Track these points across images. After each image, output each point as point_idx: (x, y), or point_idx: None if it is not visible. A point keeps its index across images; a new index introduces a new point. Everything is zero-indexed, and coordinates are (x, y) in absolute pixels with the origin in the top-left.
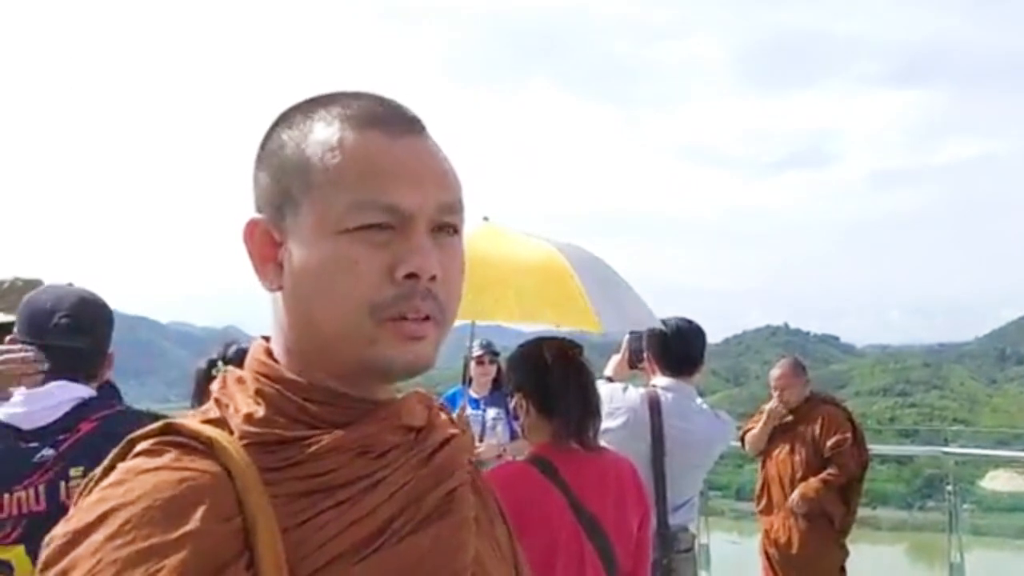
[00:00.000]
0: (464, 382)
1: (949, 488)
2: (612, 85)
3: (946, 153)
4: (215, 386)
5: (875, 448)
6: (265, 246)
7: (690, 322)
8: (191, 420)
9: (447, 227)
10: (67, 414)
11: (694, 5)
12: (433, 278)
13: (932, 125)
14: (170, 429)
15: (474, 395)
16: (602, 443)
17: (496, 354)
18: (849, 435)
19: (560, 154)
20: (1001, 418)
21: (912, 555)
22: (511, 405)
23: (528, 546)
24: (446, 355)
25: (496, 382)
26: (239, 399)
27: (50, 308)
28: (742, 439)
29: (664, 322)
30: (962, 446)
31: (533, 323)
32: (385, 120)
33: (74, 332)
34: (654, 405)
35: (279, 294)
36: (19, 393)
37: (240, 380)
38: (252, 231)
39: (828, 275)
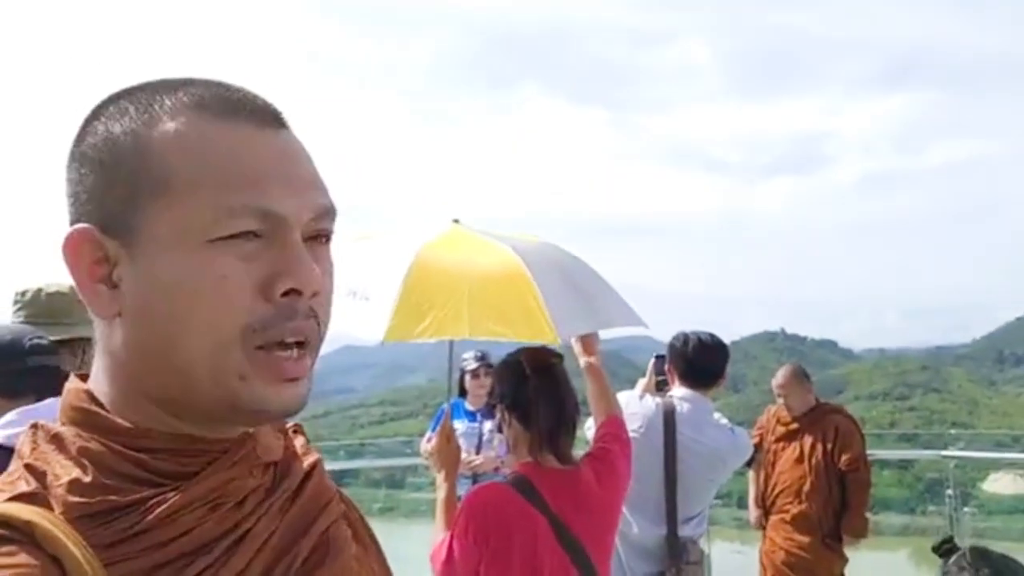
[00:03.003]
0: (458, 394)
1: (950, 492)
2: (603, 90)
3: (939, 155)
4: (24, 448)
5: (875, 453)
6: (94, 263)
7: (713, 336)
8: None
9: (322, 235)
10: None
11: (684, 11)
12: (315, 294)
13: (924, 127)
14: None
15: (470, 407)
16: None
17: (491, 365)
18: (862, 448)
19: (552, 159)
20: (1000, 420)
21: (915, 560)
22: (497, 418)
23: (511, 568)
24: (443, 370)
25: (492, 394)
26: (57, 463)
27: (14, 336)
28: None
29: (686, 335)
30: (962, 449)
31: (483, 338)
32: (247, 110)
33: (51, 351)
34: (669, 414)
35: (113, 321)
36: (14, 412)
37: (56, 438)
38: (77, 245)
39: (824, 279)
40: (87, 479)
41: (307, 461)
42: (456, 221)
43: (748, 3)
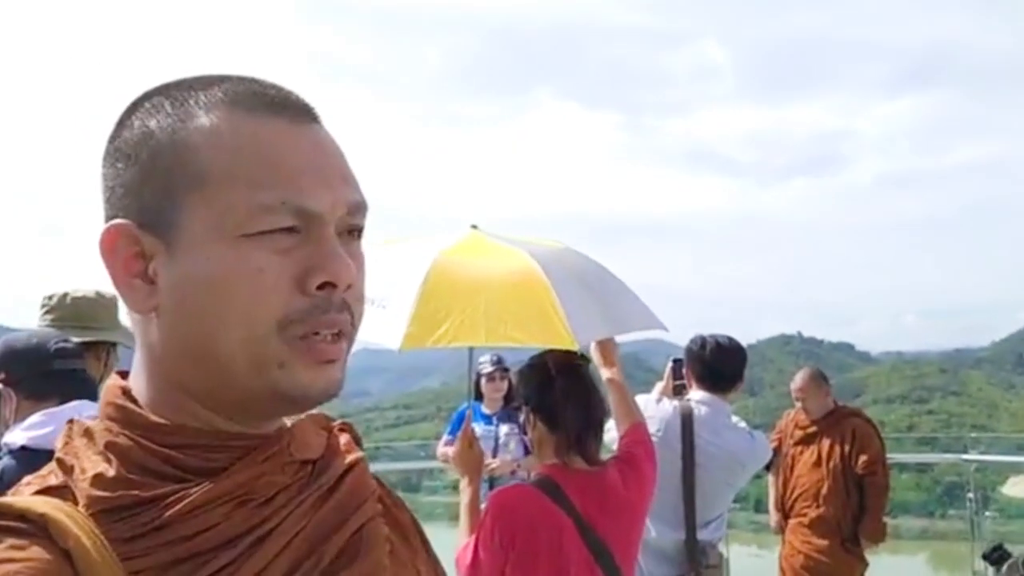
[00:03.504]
0: (474, 398)
1: (970, 496)
2: (618, 92)
3: (956, 156)
4: (58, 443)
5: (894, 457)
6: (132, 258)
7: (731, 339)
8: (25, 492)
9: (355, 230)
10: None
11: (698, 12)
12: (349, 287)
13: (942, 128)
14: None
15: (487, 411)
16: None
17: (507, 369)
18: (880, 451)
19: (566, 161)
20: (1020, 423)
21: (934, 564)
22: (521, 420)
23: (537, 570)
24: (456, 373)
25: (508, 397)
26: (85, 458)
27: (40, 339)
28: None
29: (704, 338)
30: (982, 453)
31: (500, 344)
32: (281, 105)
33: (76, 354)
34: (687, 418)
35: (150, 316)
36: (39, 414)
37: (88, 433)
38: (114, 240)
39: (841, 282)
40: (111, 473)
41: (348, 459)
42: (474, 227)
43: (763, 4)
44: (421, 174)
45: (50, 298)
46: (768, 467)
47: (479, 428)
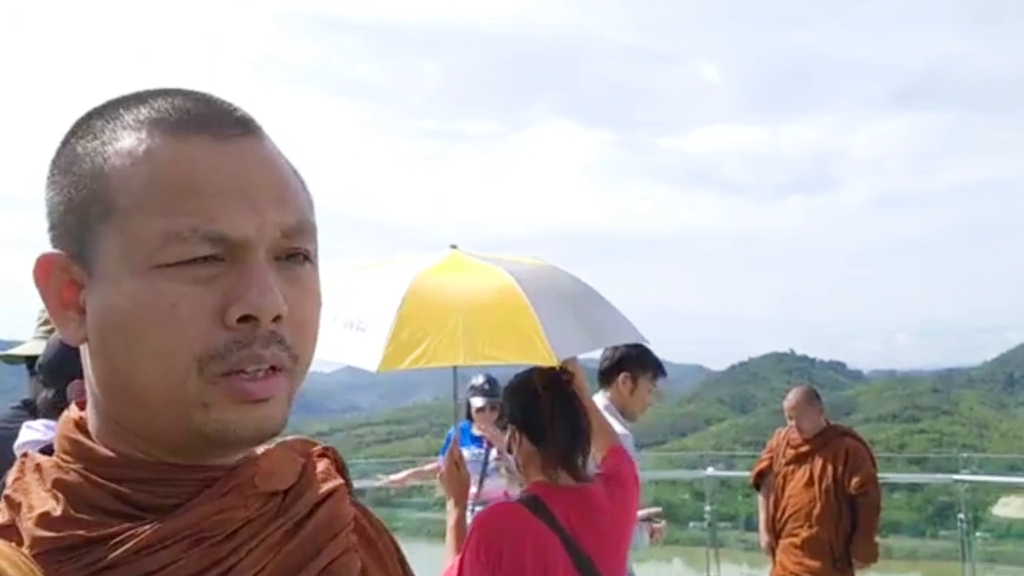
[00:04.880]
0: (465, 416)
1: (961, 516)
2: (614, 111)
3: (950, 176)
4: (9, 478)
5: (886, 476)
6: (64, 288)
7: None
8: None
9: (295, 254)
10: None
11: (693, 31)
12: (277, 318)
13: (936, 148)
14: None
15: (477, 432)
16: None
17: (496, 395)
18: (873, 471)
19: (562, 180)
20: (1011, 443)
21: None
22: (505, 438)
23: None
24: (448, 388)
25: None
26: (34, 494)
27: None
28: (755, 480)
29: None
30: (973, 473)
31: (480, 363)
32: (206, 122)
33: (48, 372)
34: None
35: (82, 346)
36: (40, 423)
37: (38, 468)
38: (46, 270)
39: (834, 300)
40: (58, 512)
41: (324, 488)
42: (454, 247)
43: (758, 23)
44: (415, 190)
45: (45, 311)
46: (758, 487)
47: (468, 452)
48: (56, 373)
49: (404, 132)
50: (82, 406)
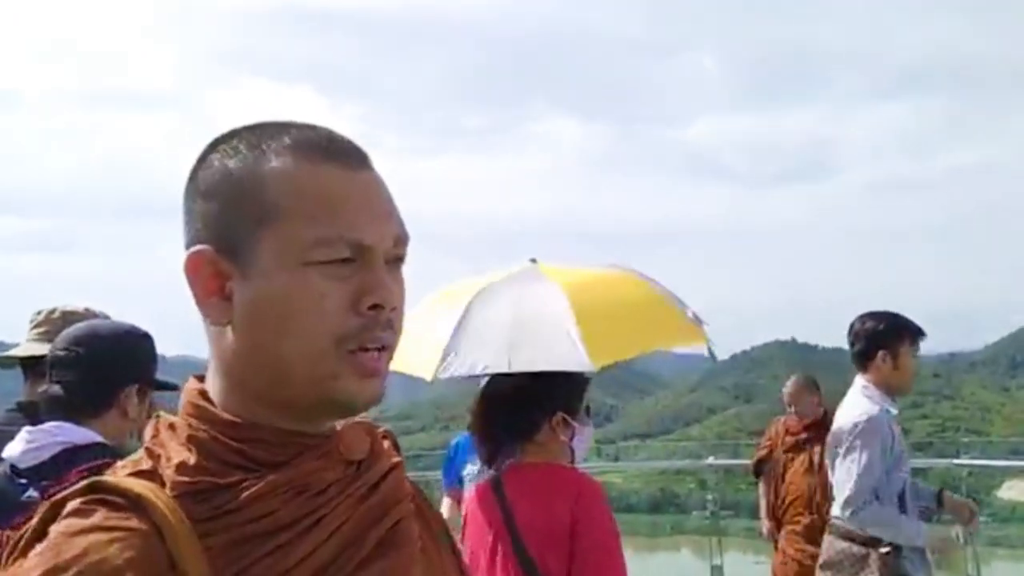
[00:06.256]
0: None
1: None
2: (611, 103)
3: (948, 160)
4: (147, 434)
5: None
6: (211, 278)
7: None
8: (120, 474)
9: (399, 259)
10: (55, 457)
11: (689, 22)
12: (393, 308)
13: (932, 134)
14: (98, 487)
15: None
16: None
17: None
18: None
19: (561, 173)
20: (1014, 426)
21: (936, 569)
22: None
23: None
24: (453, 383)
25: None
26: (171, 447)
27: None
28: (755, 467)
29: None
30: (976, 457)
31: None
32: (341, 153)
33: (64, 366)
34: None
35: (224, 329)
36: (25, 430)
37: (172, 427)
38: (197, 263)
39: (835, 287)
40: (192, 461)
41: (389, 462)
42: (533, 260)
43: (753, 13)
44: (414, 185)
45: (39, 313)
46: (758, 474)
47: (473, 468)
48: (103, 367)
49: (400, 127)
50: (200, 379)
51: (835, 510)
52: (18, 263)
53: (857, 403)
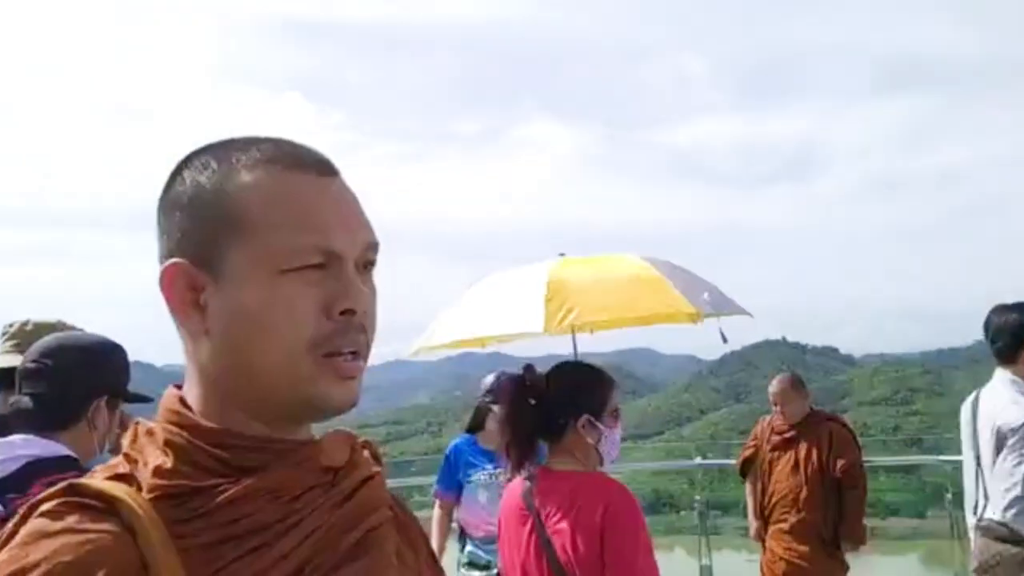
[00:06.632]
0: (468, 428)
1: (948, 496)
2: (599, 106)
3: (936, 158)
4: (125, 440)
5: (873, 460)
6: (186, 290)
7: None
8: (97, 478)
9: (370, 264)
10: (19, 471)
11: (674, 24)
12: (364, 313)
13: (920, 132)
14: (73, 490)
15: (486, 446)
16: None
17: None
18: (858, 456)
19: (550, 176)
20: None
21: (925, 563)
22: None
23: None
24: (444, 388)
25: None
26: (148, 452)
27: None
28: (742, 467)
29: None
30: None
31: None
32: (309, 163)
33: (33, 378)
34: None
35: (200, 339)
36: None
37: (150, 432)
38: (173, 275)
39: (824, 286)
40: (168, 465)
41: (367, 471)
42: (562, 255)
43: (739, 13)
44: (402, 190)
45: (11, 325)
46: (744, 474)
47: (483, 474)
48: (72, 379)
49: (387, 133)
50: (178, 387)
51: (990, 511)
52: (10, 274)
53: (1015, 400)
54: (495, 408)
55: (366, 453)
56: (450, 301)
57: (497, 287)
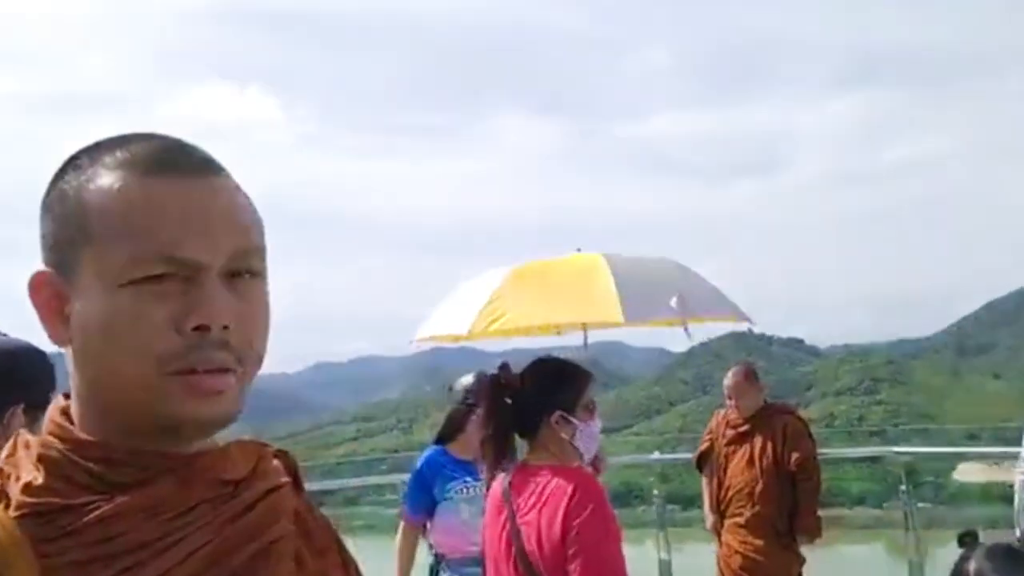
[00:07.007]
0: (438, 440)
1: (903, 488)
2: (566, 99)
3: (898, 152)
4: (3, 453)
5: (825, 452)
6: (52, 299)
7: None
8: None
9: (244, 272)
10: None
11: (641, 18)
12: (226, 327)
13: (882, 126)
14: None
15: (461, 455)
16: None
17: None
18: (811, 448)
19: (519, 170)
20: (966, 410)
21: (887, 552)
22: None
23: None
24: (413, 384)
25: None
26: (22, 466)
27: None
28: (698, 461)
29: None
30: (923, 444)
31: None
32: (172, 164)
33: None
34: None
35: (68, 349)
36: None
37: (27, 445)
38: (39, 284)
39: (789, 278)
40: (39, 481)
41: (271, 483)
42: (579, 250)
43: (705, 7)
44: (373, 186)
45: None
46: (700, 468)
47: (466, 489)
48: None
49: (353, 126)
50: (67, 397)
51: None
52: None
53: None
54: (478, 411)
55: (276, 463)
56: (433, 296)
57: (460, 293)
